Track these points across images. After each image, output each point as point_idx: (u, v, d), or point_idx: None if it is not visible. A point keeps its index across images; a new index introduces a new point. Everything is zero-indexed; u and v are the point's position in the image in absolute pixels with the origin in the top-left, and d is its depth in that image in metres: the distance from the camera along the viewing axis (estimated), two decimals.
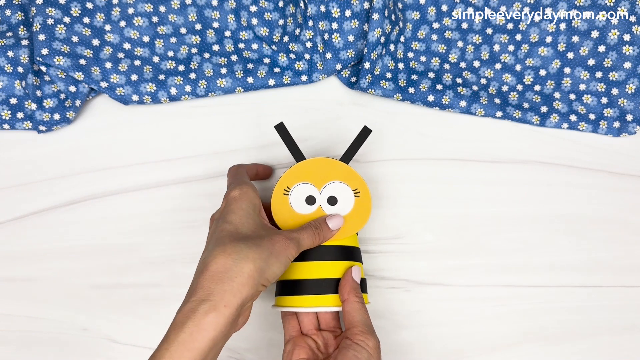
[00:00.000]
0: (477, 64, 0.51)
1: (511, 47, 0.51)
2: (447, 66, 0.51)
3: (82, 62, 0.46)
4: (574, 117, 0.49)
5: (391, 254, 0.48)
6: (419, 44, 0.51)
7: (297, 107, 0.50)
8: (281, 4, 0.49)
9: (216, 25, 0.50)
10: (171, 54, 0.49)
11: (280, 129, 0.42)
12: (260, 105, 0.50)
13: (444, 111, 0.50)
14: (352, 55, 0.49)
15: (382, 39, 0.48)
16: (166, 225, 0.48)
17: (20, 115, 0.47)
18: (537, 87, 0.50)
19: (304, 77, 0.49)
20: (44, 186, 0.48)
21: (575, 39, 0.50)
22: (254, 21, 0.50)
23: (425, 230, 0.49)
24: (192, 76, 0.48)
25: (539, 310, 0.48)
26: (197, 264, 0.35)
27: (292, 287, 0.40)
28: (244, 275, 0.33)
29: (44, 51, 0.45)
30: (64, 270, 0.47)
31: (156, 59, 0.49)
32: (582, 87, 0.50)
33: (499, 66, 0.51)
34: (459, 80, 0.50)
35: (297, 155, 0.42)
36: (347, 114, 0.50)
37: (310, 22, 0.48)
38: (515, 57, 0.51)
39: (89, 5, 0.48)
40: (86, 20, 0.48)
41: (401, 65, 0.50)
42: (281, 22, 0.50)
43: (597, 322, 0.48)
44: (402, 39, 0.50)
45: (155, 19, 0.49)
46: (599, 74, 0.50)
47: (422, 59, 0.51)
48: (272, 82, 0.49)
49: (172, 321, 0.32)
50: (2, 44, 0.47)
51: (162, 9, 0.49)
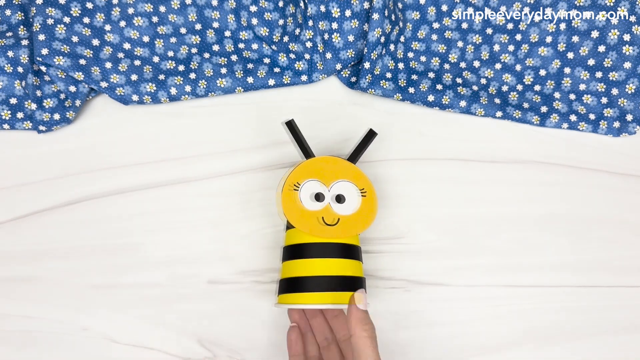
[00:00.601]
0: (477, 64, 0.51)
1: (511, 47, 0.51)
2: (447, 66, 0.51)
3: (82, 62, 0.46)
4: (574, 117, 0.49)
5: (391, 254, 0.48)
6: (419, 44, 0.51)
7: (297, 107, 0.50)
8: (281, 4, 0.49)
9: (216, 25, 0.50)
10: (171, 54, 0.49)
11: (290, 125, 0.43)
12: (260, 105, 0.50)
13: (444, 111, 0.50)
14: (352, 55, 0.49)
15: (382, 39, 0.48)
16: (166, 225, 0.48)
17: (20, 115, 0.47)
18: (537, 87, 0.50)
19: (304, 77, 0.49)
20: (44, 186, 0.48)
21: (575, 39, 0.50)
22: (254, 21, 0.50)
23: (425, 230, 0.49)
24: (192, 76, 0.48)
25: (539, 310, 0.48)
26: None
27: (294, 284, 0.41)
28: None
29: (44, 51, 0.45)
30: (64, 270, 0.47)
31: (156, 59, 0.49)
32: (582, 87, 0.50)
33: (499, 66, 0.51)
34: (459, 80, 0.50)
35: (307, 152, 0.43)
36: (347, 114, 0.50)
37: (310, 22, 0.48)
38: (515, 57, 0.51)
39: (89, 5, 0.48)
40: (86, 20, 0.48)
41: (401, 65, 0.50)
42: (281, 22, 0.50)
43: (597, 322, 0.48)
44: (402, 39, 0.50)
45: (155, 19, 0.49)
46: (599, 74, 0.50)
47: (422, 59, 0.51)
48: (272, 82, 0.49)
49: None
50: (2, 44, 0.47)
51: (162, 9, 0.49)
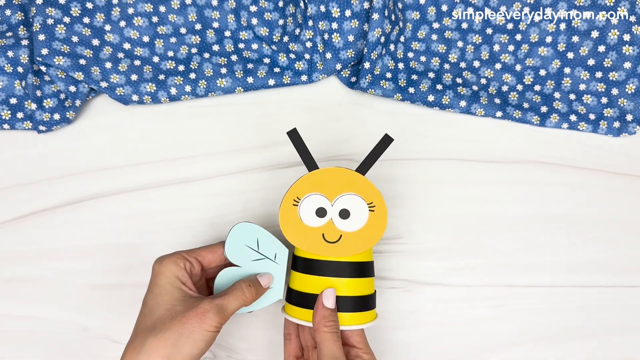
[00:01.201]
0: (477, 64, 0.51)
1: (511, 47, 0.51)
2: (447, 66, 0.51)
3: (82, 62, 0.46)
4: (574, 117, 0.49)
5: (391, 254, 0.48)
6: (419, 44, 0.51)
7: (297, 107, 0.50)
8: (281, 4, 0.49)
9: (216, 25, 0.50)
10: (171, 54, 0.49)
11: (293, 135, 0.39)
12: (260, 105, 0.50)
13: (444, 111, 0.50)
14: (352, 55, 0.49)
15: (382, 39, 0.48)
16: (166, 225, 0.48)
17: (20, 115, 0.47)
18: (537, 87, 0.50)
19: (304, 77, 0.49)
20: (44, 186, 0.48)
21: (575, 39, 0.50)
22: (254, 21, 0.50)
23: (425, 230, 0.49)
24: (192, 76, 0.48)
25: (539, 310, 0.48)
26: None
27: (304, 300, 0.39)
28: None
29: (44, 51, 0.45)
30: (64, 270, 0.47)
31: (156, 59, 0.49)
32: (582, 87, 0.50)
33: (499, 66, 0.51)
34: (459, 80, 0.50)
35: (310, 163, 0.39)
36: (347, 114, 0.50)
37: (310, 22, 0.48)
38: (515, 57, 0.51)
39: (89, 5, 0.48)
40: (86, 20, 0.48)
41: (401, 65, 0.50)
42: (281, 22, 0.50)
43: (597, 322, 0.48)
44: (402, 39, 0.50)
45: (155, 19, 0.49)
46: (599, 74, 0.50)
47: (422, 59, 0.51)
48: (272, 82, 0.49)
49: None
50: (2, 44, 0.47)
51: (162, 9, 0.49)
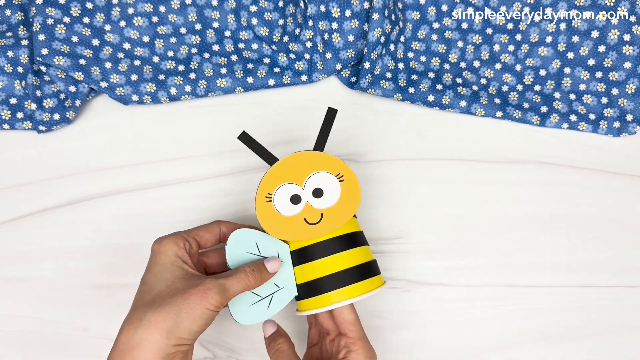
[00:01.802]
0: (477, 64, 0.51)
1: (511, 47, 0.51)
2: (447, 66, 0.51)
3: (82, 62, 0.46)
4: (574, 117, 0.49)
5: (391, 254, 0.48)
6: (419, 44, 0.51)
7: (297, 107, 0.50)
8: (281, 4, 0.49)
9: (216, 25, 0.50)
10: (171, 54, 0.49)
11: (244, 137, 0.39)
12: (260, 105, 0.50)
13: (444, 111, 0.50)
14: (352, 55, 0.49)
15: (382, 39, 0.48)
16: (166, 225, 0.48)
17: (20, 115, 0.47)
18: (537, 87, 0.50)
19: (304, 77, 0.49)
20: (44, 186, 0.48)
21: (575, 39, 0.50)
22: (254, 21, 0.50)
23: (425, 230, 0.49)
24: (192, 76, 0.48)
25: (539, 310, 0.48)
26: None
27: (310, 289, 0.39)
28: (144, 345, 0.33)
29: (44, 51, 0.45)
30: (64, 270, 0.47)
31: (156, 59, 0.49)
32: (582, 87, 0.50)
33: (499, 66, 0.51)
34: (459, 80, 0.50)
35: (269, 158, 0.39)
36: (347, 114, 0.50)
37: (310, 22, 0.48)
38: (515, 57, 0.51)
39: (89, 5, 0.48)
40: (86, 20, 0.48)
41: (401, 65, 0.50)
42: (281, 22, 0.50)
43: (597, 322, 0.48)
44: (402, 38, 0.50)
45: (155, 19, 0.49)
46: (599, 74, 0.50)
47: (422, 58, 0.51)
48: (272, 82, 0.49)
49: None
50: (2, 44, 0.47)
51: (162, 8, 0.49)
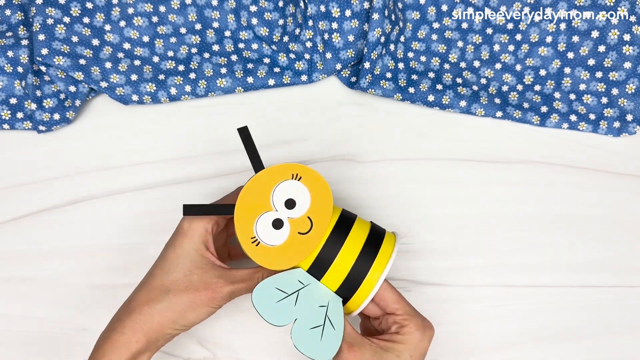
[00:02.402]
0: (477, 63, 0.51)
1: (511, 47, 0.51)
2: (447, 66, 0.51)
3: (82, 62, 0.46)
4: (574, 117, 0.49)
5: None
6: (419, 44, 0.51)
7: (297, 107, 0.50)
8: (281, 4, 0.49)
9: (216, 25, 0.50)
10: (171, 53, 0.49)
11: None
12: (260, 105, 0.50)
13: (444, 111, 0.50)
14: (352, 55, 0.49)
15: (382, 39, 0.48)
16: (166, 225, 0.48)
17: (20, 115, 0.47)
18: (537, 87, 0.50)
19: (304, 77, 0.49)
20: (44, 186, 0.48)
21: (575, 39, 0.50)
22: (254, 21, 0.50)
23: (425, 230, 0.49)
24: (192, 76, 0.48)
25: (539, 310, 0.48)
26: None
27: (345, 290, 0.38)
28: (145, 328, 0.35)
29: (44, 51, 0.45)
30: (64, 270, 0.47)
31: (156, 59, 0.49)
32: (582, 87, 0.50)
33: (499, 66, 0.51)
34: (459, 80, 0.50)
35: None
36: (347, 114, 0.50)
37: (310, 22, 0.48)
38: (515, 57, 0.51)
39: (89, 5, 0.48)
40: (86, 20, 0.48)
41: (401, 65, 0.50)
42: (281, 22, 0.50)
43: (597, 322, 0.48)
44: (402, 38, 0.50)
45: (155, 19, 0.49)
46: (599, 74, 0.50)
47: (422, 58, 0.51)
48: (272, 82, 0.49)
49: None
50: (2, 44, 0.47)
51: (162, 8, 0.49)
